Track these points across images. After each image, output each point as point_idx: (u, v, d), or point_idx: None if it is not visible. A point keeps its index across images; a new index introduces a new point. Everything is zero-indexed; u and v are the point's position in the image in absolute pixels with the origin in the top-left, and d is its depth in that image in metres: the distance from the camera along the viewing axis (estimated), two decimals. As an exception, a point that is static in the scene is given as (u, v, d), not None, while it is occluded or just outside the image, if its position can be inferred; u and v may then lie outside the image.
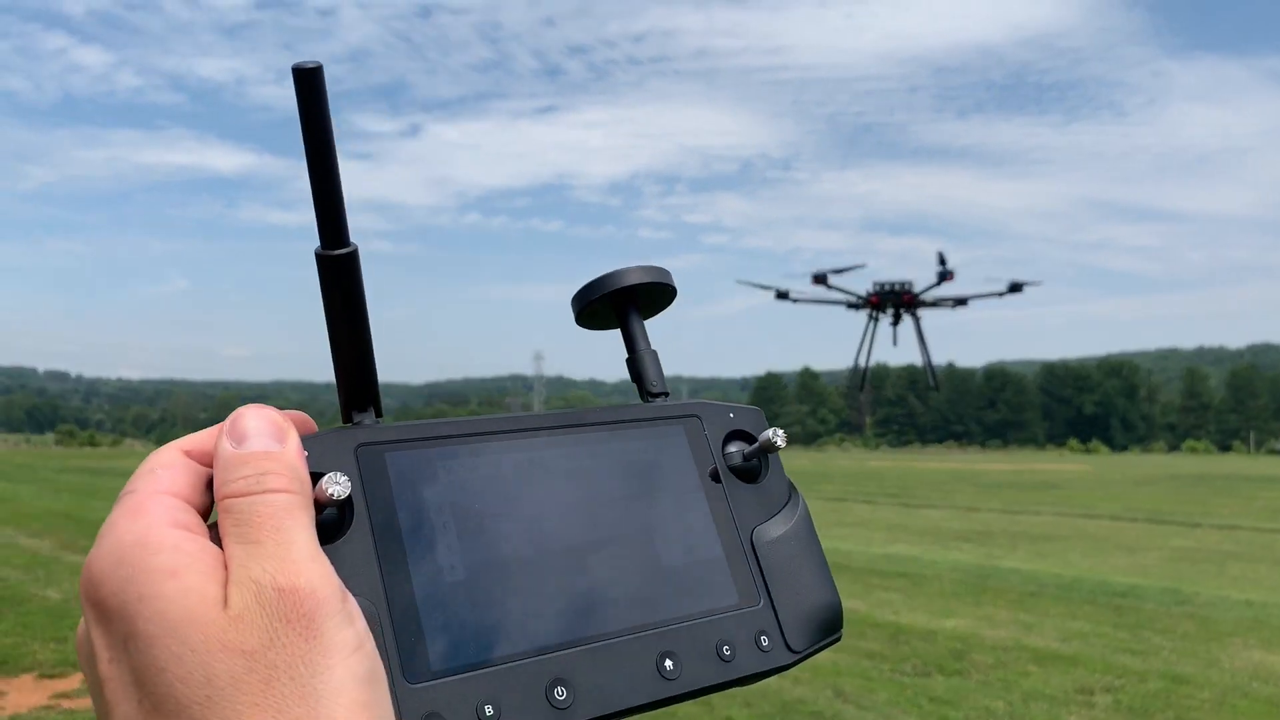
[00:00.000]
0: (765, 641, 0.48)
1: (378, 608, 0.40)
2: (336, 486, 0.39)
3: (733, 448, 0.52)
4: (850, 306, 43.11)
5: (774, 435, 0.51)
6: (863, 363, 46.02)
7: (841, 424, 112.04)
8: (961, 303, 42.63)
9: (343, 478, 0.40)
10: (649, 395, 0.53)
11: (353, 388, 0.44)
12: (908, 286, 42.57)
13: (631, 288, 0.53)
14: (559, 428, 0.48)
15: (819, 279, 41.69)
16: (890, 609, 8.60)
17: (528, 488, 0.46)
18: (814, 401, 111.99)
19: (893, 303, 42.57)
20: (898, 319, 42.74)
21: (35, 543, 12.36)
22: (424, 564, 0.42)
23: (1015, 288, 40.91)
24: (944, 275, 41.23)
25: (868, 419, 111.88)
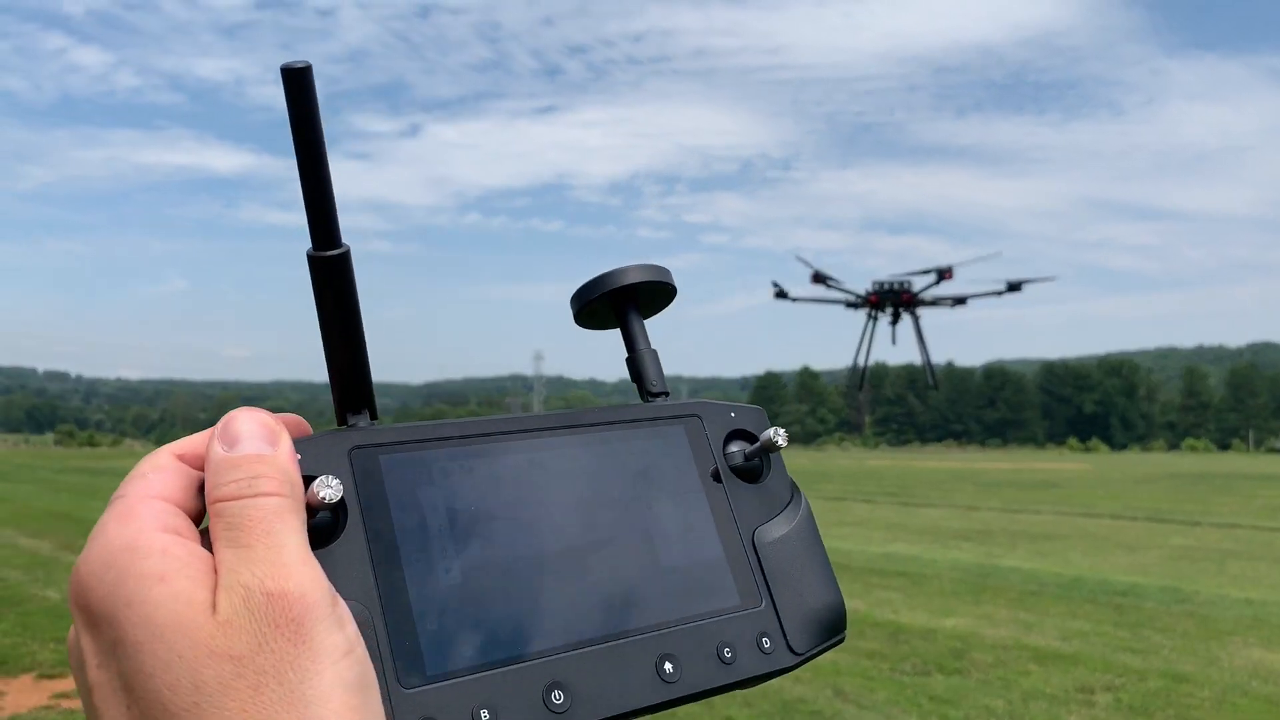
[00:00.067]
0: (767, 643, 0.47)
1: (372, 611, 0.39)
2: (328, 490, 0.39)
3: (734, 447, 0.51)
4: (849, 306, 43.15)
5: (775, 435, 0.51)
6: (862, 362, 46.09)
7: (841, 423, 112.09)
8: (960, 302, 42.64)
9: (335, 481, 0.39)
10: (649, 395, 0.53)
11: (347, 390, 0.43)
12: (907, 285, 42.60)
13: (631, 286, 0.53)
14: (558, 428, 0.47)
15: (818, 278, 41.73)
16: (890, 608, 8.60)
17: (525, 489, 0.45)
18: (813, 401, 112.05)
19: (892, 302, 42.60)
20: (896, 318, 42.77)
21: (35, 543, 12.37)
22: (419, 567, 0.41)
23: (1014, 286, 40.96)
24: (942, 274, 41.25)
25: (867, 418, 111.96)
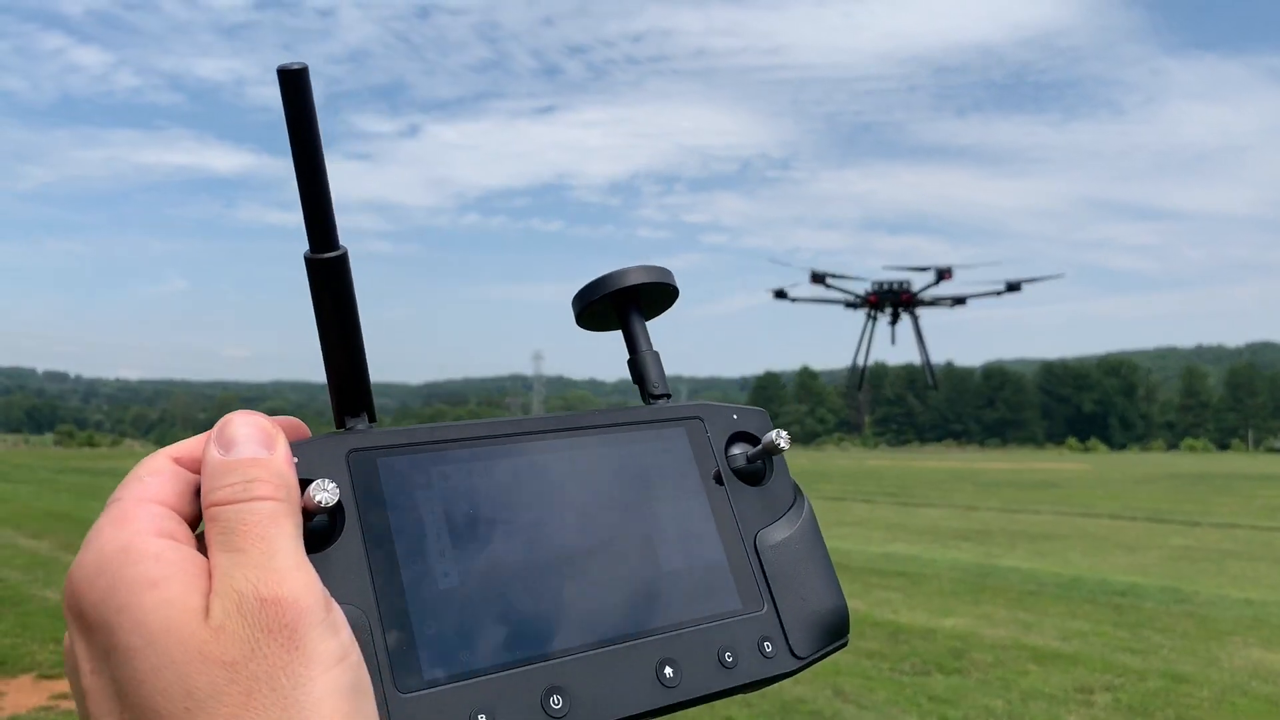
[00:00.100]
0: (769, 647, 0.47)
1: (368, 616, 0.39)
2: (324, 493, 0.39)
3: (736, 450, 0.51)
4: (848, 306, 43.14)
5: (777, 437, 0.50)
6: (861, 362, 46.04)
7: (840, 423, 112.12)
8: (960, 301, 42.61)
9: (331, 484, 0.39)
10: (651, 397, 0.52)
11: (345, 392, 0.43)
12: (906, 285, 42.60)
13: (633, 288, 0.52)
14: (557, 431, 0.47)
15: (817, 278, 41.72)
16: (889, 608, 8.60)
17: (524, 492, 0.45)
18: (813, 401, 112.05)
19: (891, 302, 42.57)
20: (896, 318, 42.73)
21: (34, 543, 12.37)
22: (416, 571, 0.41)
23: (1014, 286, 40.94)
24: (941, 274, 41.25)
25: (866, 418, 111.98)
